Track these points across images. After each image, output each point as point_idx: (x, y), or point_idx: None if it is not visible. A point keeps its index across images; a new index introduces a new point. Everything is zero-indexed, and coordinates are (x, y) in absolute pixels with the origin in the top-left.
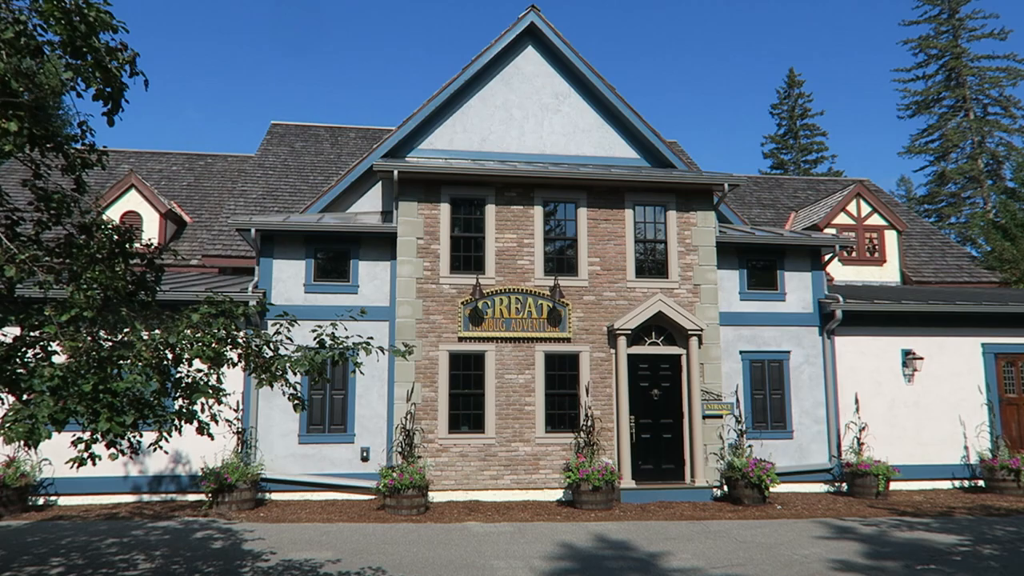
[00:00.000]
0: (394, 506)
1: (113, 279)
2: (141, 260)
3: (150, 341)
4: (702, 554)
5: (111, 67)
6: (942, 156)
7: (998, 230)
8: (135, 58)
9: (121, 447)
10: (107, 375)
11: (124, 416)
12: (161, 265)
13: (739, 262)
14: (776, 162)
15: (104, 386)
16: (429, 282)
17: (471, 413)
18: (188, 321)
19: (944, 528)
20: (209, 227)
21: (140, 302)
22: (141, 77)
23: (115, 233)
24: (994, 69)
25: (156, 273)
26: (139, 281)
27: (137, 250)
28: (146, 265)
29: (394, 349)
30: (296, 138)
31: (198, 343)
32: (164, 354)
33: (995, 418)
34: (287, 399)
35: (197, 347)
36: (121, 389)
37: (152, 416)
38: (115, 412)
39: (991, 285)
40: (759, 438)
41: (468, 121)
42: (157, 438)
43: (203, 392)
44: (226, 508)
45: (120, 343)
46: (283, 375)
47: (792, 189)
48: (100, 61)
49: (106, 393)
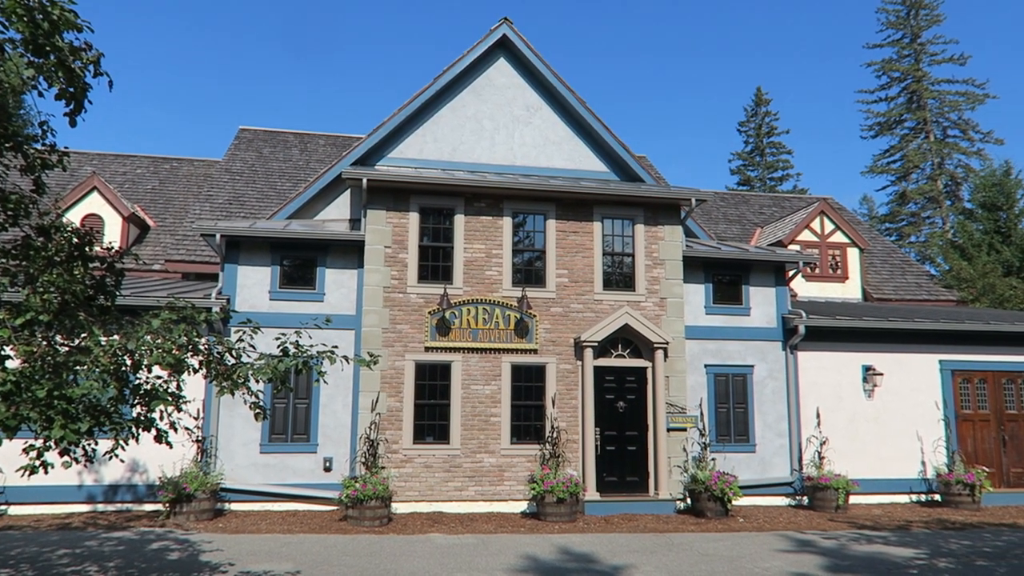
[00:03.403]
0: (356, 517)
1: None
2: (101, 264)
3: (108, 347)
4: (665, 567)
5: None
6: (903, 176)
7: (956, 250)
8: (99, 58)
9: (75, 455)
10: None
11: (79, 423)
12: (122, 269)
13: (705, 276)
14: (743, 178)
15: (59, 392)
16: (396, 291)
17: (436, 424)
18: (148, 327)
19: (902, 542)
20: (173, 232)
21: (99, 307)
22: (105, 77)
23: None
24: (953, 93)
25: (116, 277)
26: (98, 285)
27: (97, 253)
28: (106, 269)
29: (359, 358)
30: (264, 144)
31: (158, 349)
32: (123, 360)
33: (951, 434)
34: (249, 408)
35: (157, 353)
36: (77, 395)
37: (108, 423)
38: (70, 419)
39: (949, 303)
40: (723, 451)
41: (439, 131)
42: (113, 446)
43: (162, 399)
44: (184, 518)
45: (77, 348)
46: (245, 383)
47: (758, 205)
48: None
49: (61, 399)
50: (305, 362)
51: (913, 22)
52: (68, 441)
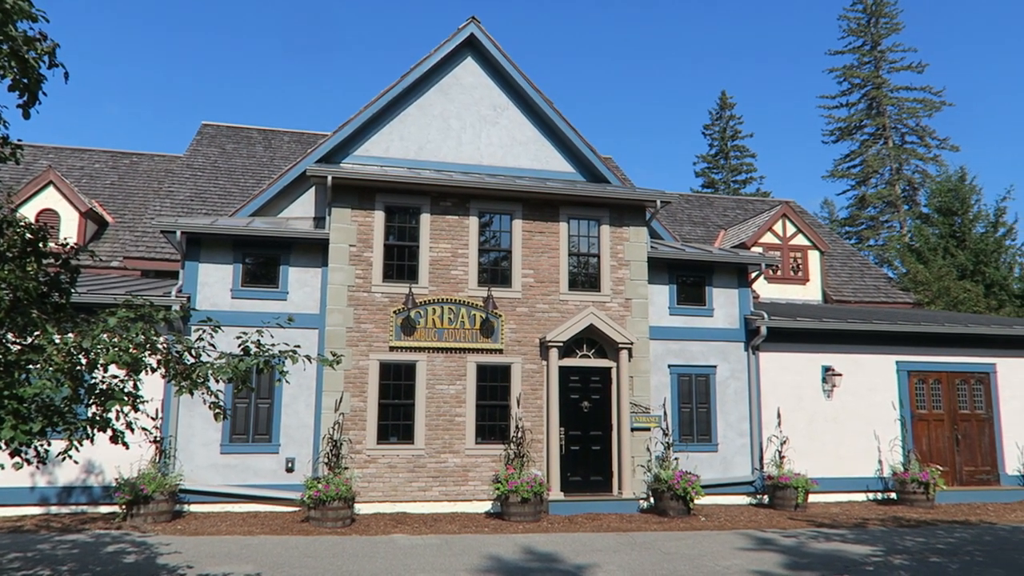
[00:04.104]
0: (319, 518)
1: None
2: (56, 260)
3: (62, 345)
4: (628, 566)
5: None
6: (863, 181)
7: (913, 253)
8: (55, 49)
9: (27, 456)
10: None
11: (31, 423)
12: (77, 266)
13: (669, 277)
14: (707, 181)
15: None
16: (361, 290)
17: (401, 424)
18: (104, 325)
19: (859, 539)
20: (132, 228)
21: (53, 304)
22: (61, 69)
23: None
24: (912, 100)
25: (71, 274)
26: (52, 282)
27: (52, 250)
28: (61, 266)
29: (322, 358)
30: (227, 139)
31: (114, 348)
32: (77, 359)
33: (907, 433)
34: (208, 407)
35: (113, 352)
36: (29, 395)
37: (62, 423)
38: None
39: (906, 306)
40: (685, 451)
41: (405, 129)
42: (67, 447)
43: (118, 399)
44: (141, 520)
45: (29, 347)
46: (204, 383)
47: (722, 208)
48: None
49: (12, 399)
50: (267, 361)
51: (873, 30)
52: (19, 442)
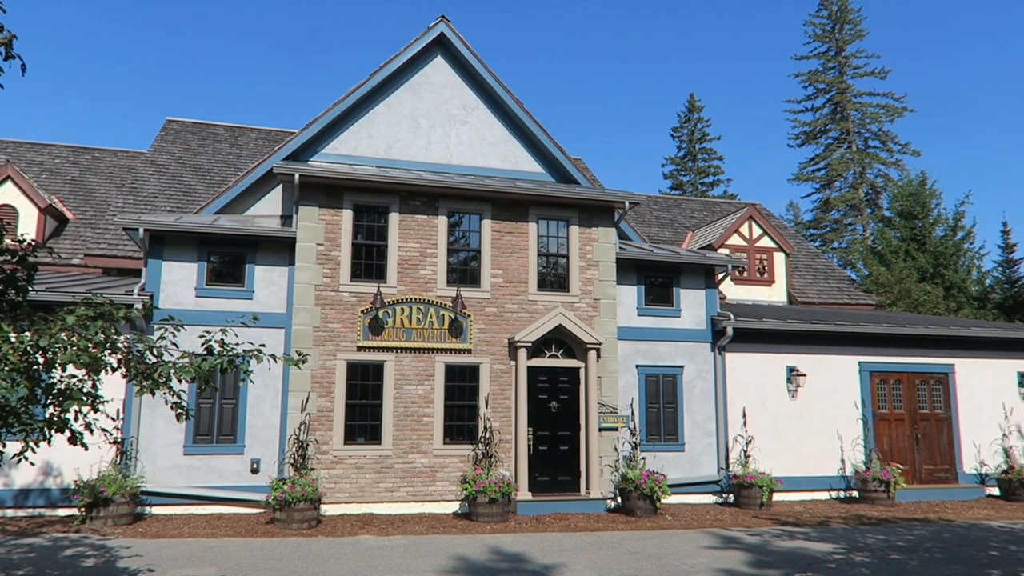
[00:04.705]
0: (284, 520)
1: None
2: (12, 257)
3: (18, 344)
4: (595, 565)
5: None
6: (827, 184)
7: (875, 256)
8: (11, 40)
9: None
10: None
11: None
12: (35, 263)
13: (637, 278)
14: (675, 183)
15: None
16: (328, 289)
17: (368, 424)
18: (62, 323)
19: (822, 537)
20: (94, 225)
21: (9, 302)
22: (18, 61)
23: None
24: (875, 105)
25: (29, 271)
26: (9, 279)
27: (8, 246)
28: (17, 263)
29: (287, 358)
30: (193, 136)
31: (72, 347)
32: (34, 358)
33: (869, 432)
34: (170, 408)
35: (71, 351)
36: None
37: (18, 424)
38: None
39: (868, 307)
40: (653, 450)
41: (374, 128)
42: (23, 448)
43: (77, 399)
44: (101, 523)
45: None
46: (166, 383)
47: (690, 210)
48: None
49: None
50: (231, 361)
51: (838, 36)
52: None
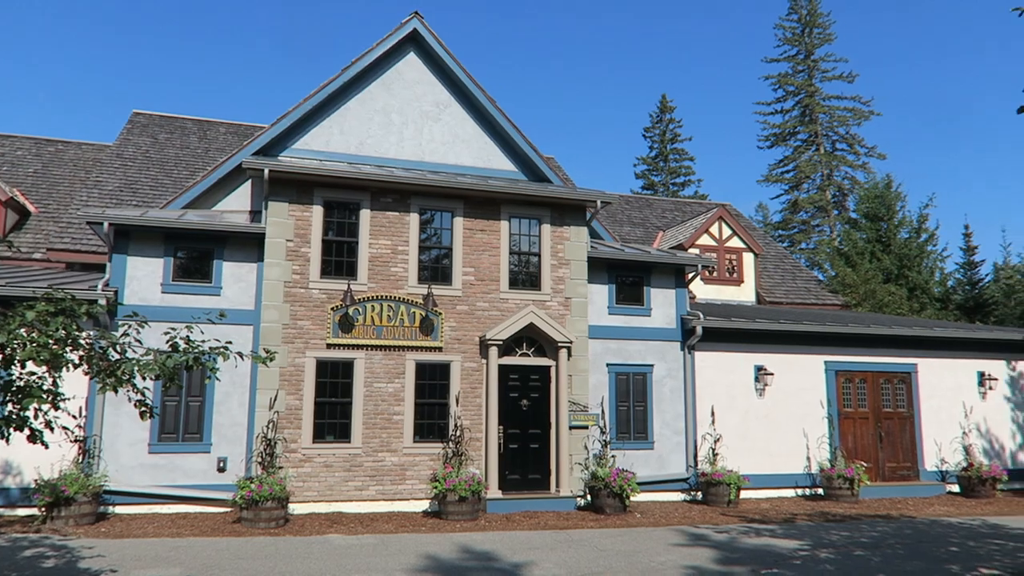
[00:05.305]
0: (251, 519)
1: None
2: None
3: None
4: (564, 563)
5: None
6: (795, 186)
7: (842, 257)
8: None
9: None
10: None
11: None
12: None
13: (609, 277)
14: (647, 183)
15: None
16: (298, 286)
17: (337, 422)
18: (22, 319)
19: (787, 534)
20: (57, 219)
21: None
22: None
23: None
24: (842, 109)
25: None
26: None
27: None
28: None
29: (255, 355)
30: (160, 129)
31: (32, 344)
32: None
33: (834, 431)
34: (134, 405)
35: (31, 348)
36: None
37: None
38: None
39: (834, 307)
40: (622, 448)
41: (346, 123)
42: None
43: (37, 397)
44: (62, 523)
45: None
46: (130, 380)
47: (661, 209)
48: None
49: None
50: (196, 358)
51: (807, 39)
52: None
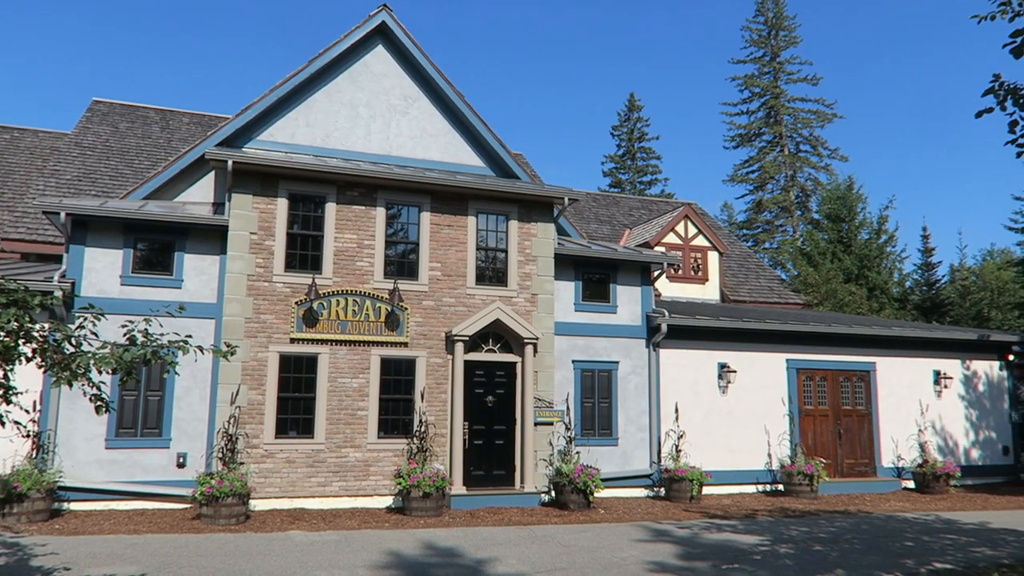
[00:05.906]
0: (211, 515)
1: None
2: None
3: None
4: (527, 559)
5: None
6: (760, 186)
7: (804, 257)
8: None
9: None
10: None
11: None
12: None
13: (575, 274)
14: (614, 181)
15: None
16: (261, 280)
17: (301, 418)
18: None
19: (748, 529)
20: (12, 208)
21: None
22: None
23: None
24: (806, 111)
25: None
26: None
27: None
28: None
29: (216, 349)
30: (121, 118)
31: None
32: None
33: (795, 428)
34: (89, 400)
35: None
36: None
37: None
38: None
39: (797, 306)
40: (587, 445)
41: (312, 116)
42: None
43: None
44: (14, 520)
45: None
46: (85, 373)
47: (628, 207)
48: None
49: None
50: (155, 352)
51: (773, 42)
52: None
